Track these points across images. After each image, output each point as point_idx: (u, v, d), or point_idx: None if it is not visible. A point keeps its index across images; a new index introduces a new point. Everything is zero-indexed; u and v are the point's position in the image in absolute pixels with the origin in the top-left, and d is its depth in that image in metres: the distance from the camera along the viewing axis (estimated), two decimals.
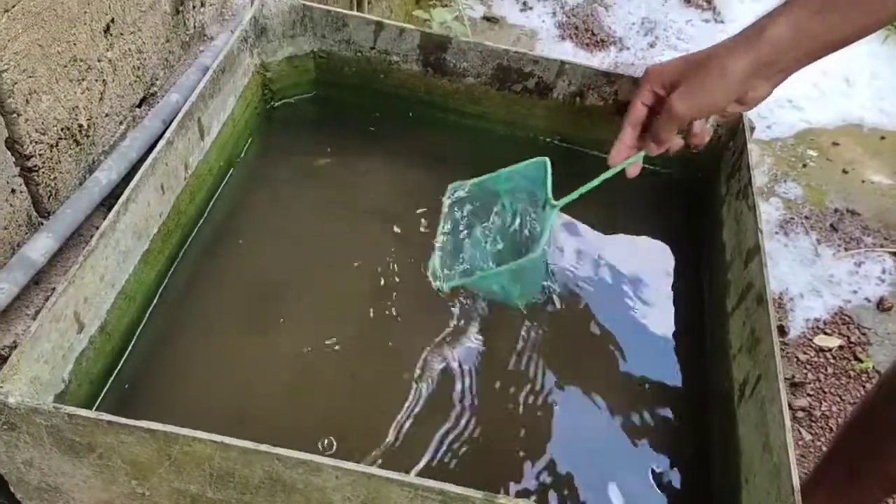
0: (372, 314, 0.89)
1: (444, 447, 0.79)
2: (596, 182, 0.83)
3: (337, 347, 0.85)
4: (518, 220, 0.91)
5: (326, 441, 0.77)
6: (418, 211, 1.00)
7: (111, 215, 0.75)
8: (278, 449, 0.60)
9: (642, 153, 0.83)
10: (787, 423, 0.68)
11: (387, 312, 0.89)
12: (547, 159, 0.86)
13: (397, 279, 0.93)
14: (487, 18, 2.52)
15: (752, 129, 1.01)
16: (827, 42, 0.66)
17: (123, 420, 0.61)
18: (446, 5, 2.32)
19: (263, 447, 0.60)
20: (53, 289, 0.80)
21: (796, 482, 0.65)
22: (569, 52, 2.42)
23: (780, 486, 0.66)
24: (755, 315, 0.81)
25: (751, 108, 0.77)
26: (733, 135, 1.02)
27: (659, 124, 0.76)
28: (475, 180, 0.93)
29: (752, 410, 0.76)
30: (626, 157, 0.82)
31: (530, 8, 2.58)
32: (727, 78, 0.67)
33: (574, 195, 0.83)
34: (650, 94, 0.77)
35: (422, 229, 0.98)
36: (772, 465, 0.69)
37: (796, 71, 0.70)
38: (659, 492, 0.80)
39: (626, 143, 0.80)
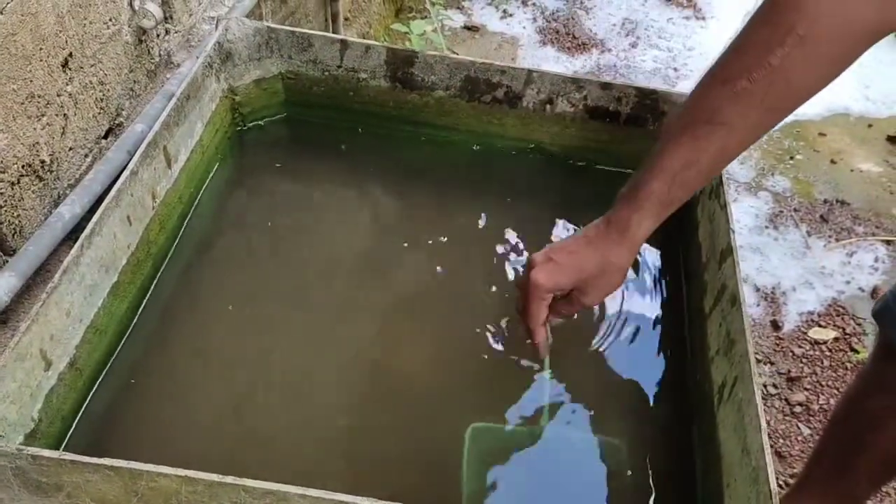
0: (349, 345, 0.88)
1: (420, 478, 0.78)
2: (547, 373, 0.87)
3: (314, 381, 0.84)
4: None
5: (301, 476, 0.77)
6: (392, 233, 1.00)
7: (74, 250, 0.75)
8: (244, 480, 0.60)
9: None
10: (763, 425, 0.67)
11: (363, 343, 0.88)
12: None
13: (374, 308, 0.92)
14: (468, 27, 2.51)
15: None
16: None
17: (86, 459, 0.60)
18: (425, 17, 2.32)
19: (229, 479, 0.60)
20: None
21: (773, 485, 0.64)
22: (550, 57, 2.42)
23: (759, 490, 0.65)
24: (730, 317, 0.80)
25: None
26: None
27: (568, 310, 0.84)
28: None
29: (730, 413, 0.75)
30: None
31: (510, 15, 2.57)
32: (622, 273, 0.80)
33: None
34: (546, 302, 0.81)
35: (396, 253, 0.97)
36: (751, 469, 0.68)
37: None
38: (643, 498, 0.79)
39: (543, 337, 0.84)
